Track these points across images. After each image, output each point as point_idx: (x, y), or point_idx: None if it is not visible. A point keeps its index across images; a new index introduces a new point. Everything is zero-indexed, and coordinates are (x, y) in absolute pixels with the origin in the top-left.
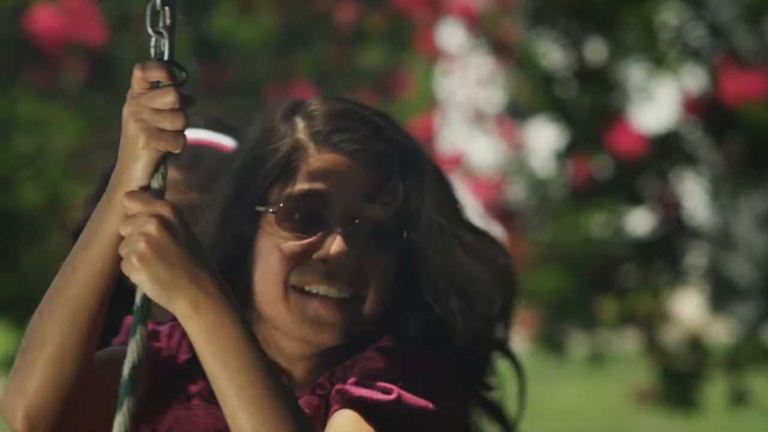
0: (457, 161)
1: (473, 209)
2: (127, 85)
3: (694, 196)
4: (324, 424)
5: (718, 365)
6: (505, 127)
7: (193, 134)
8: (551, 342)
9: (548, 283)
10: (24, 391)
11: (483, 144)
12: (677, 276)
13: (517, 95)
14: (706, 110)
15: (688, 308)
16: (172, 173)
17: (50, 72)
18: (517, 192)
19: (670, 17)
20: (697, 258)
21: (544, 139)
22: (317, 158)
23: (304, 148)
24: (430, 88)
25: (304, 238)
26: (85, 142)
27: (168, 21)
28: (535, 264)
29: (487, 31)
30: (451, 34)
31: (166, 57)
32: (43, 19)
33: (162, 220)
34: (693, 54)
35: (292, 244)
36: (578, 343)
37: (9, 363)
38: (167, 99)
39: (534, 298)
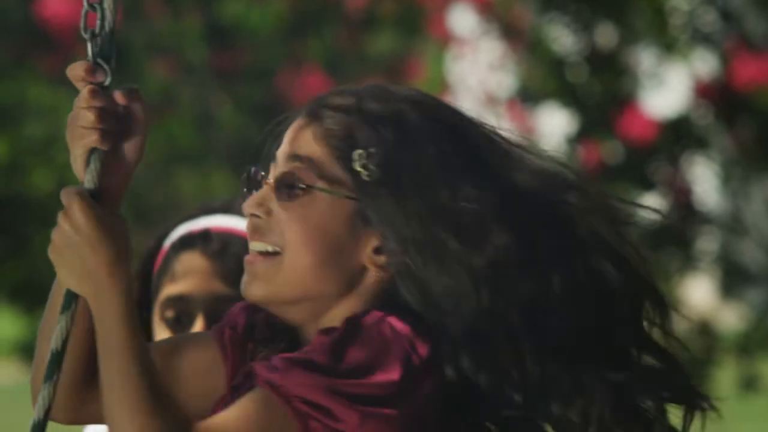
0: None
1: None
2: (138, 71)
3: (705, 181)
4: None
5: (728, 351)
6: (516, 112)
7: (224, 222)
8: None
9: None
10: (36, 383)
11: None
12: (688, 261)
13: (528, 80)
14: (717, 95)
15: (699, 294)
16: (199, 261)
17: (61, 58)
18: None
19: (681, 2)
20: (707, 243)
21: (555, 123)
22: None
23: None
24: (441, 72)
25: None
26: None
27: (98, 23)
28: None
29: (498, 16)
30: (463, 19)
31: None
32: (54, 5)
33: (70, 215)
34: (704, 39)
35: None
36: None
37: (22, 349)
38: (81, 97)
39: None
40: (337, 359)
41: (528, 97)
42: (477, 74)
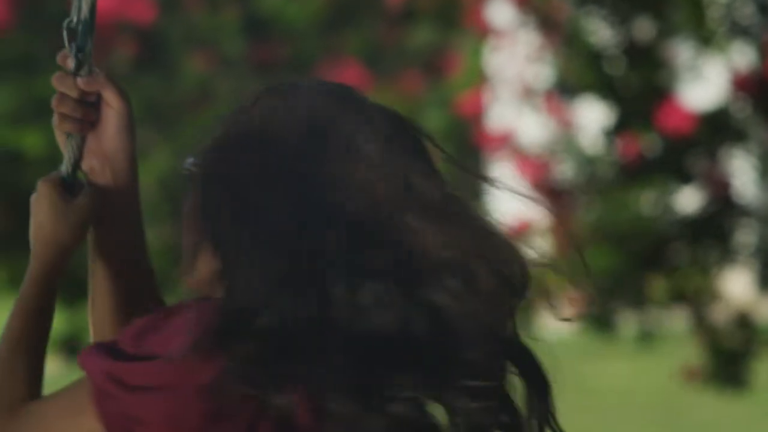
0: (506, 139)
1: (520, 187)
2: (177, 64)
3: (743, 173)
4: None
5: (766, 343)
6: (554, 105)
7: None
8: (600, 320)
9: (597, 262)
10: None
11: (532, 122)
12: (726, 254)
13: (565, 72)
14: (755, 88)
15: (737, 286)
16: None
17: (100, 52)
18: (565, 170)
19: None
20: (745, 236)
21: (592, 116)
22: None
23: None
24: (479, 65)
25: None
26: None
27: (74, 13)
28: (585, 243)
29: (536, 8)
30: (500, 11)
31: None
32: None
33: (37, 197)
34: (742, 32)
35: None
36: (627, 322)
37: (63, 343)
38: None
39: (584, 276)
40: (136, 344)
41: (565, 89)
42: (514, 67)
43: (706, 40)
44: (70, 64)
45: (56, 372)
